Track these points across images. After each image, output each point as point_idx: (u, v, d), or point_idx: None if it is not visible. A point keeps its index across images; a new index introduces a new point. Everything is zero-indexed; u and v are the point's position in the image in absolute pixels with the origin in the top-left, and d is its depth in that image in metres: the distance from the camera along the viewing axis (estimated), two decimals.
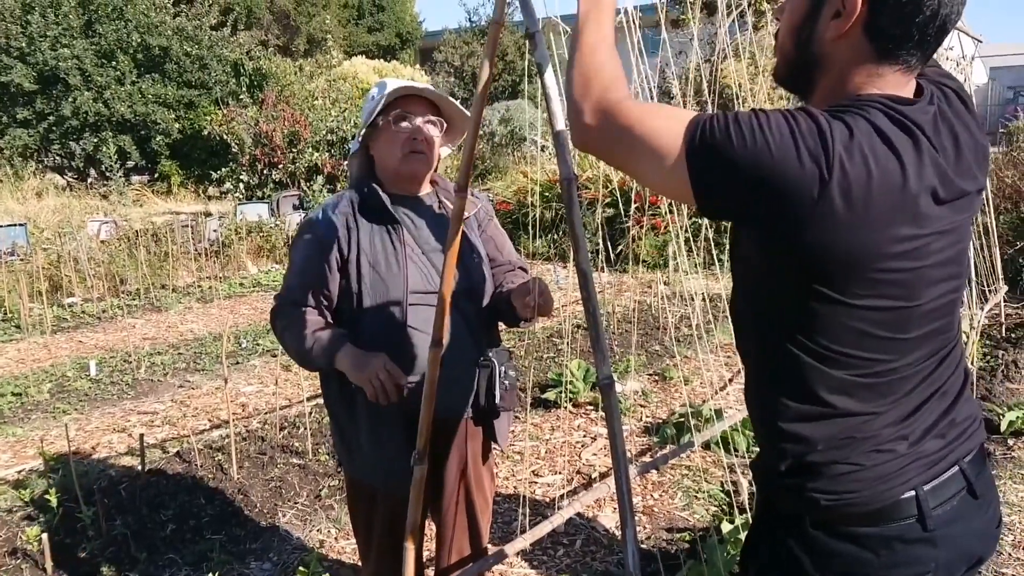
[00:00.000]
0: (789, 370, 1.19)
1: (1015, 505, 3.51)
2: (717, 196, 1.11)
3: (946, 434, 1.22)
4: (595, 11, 1.30)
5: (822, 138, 1.04)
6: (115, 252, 9.24)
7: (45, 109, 15.80)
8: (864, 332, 1.13)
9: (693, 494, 3.68)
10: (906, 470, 1.18)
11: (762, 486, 1.34)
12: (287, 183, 12.98)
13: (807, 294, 1.12)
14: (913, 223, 1.08)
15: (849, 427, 1.18)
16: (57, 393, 5.40)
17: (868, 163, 1.04)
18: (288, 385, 5.35)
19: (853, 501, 1.18)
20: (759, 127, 1.05)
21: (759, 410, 1.29)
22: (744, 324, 1.30)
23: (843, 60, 1.17)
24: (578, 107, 1.22)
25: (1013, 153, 8.99)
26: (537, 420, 4.65)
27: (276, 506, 3.62)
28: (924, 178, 1.08)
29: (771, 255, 1.15)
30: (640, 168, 1.18)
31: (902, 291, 1.12)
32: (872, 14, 1.12)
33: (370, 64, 19.29)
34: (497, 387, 2.04)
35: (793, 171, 1.03)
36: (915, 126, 1.09)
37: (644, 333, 6.41)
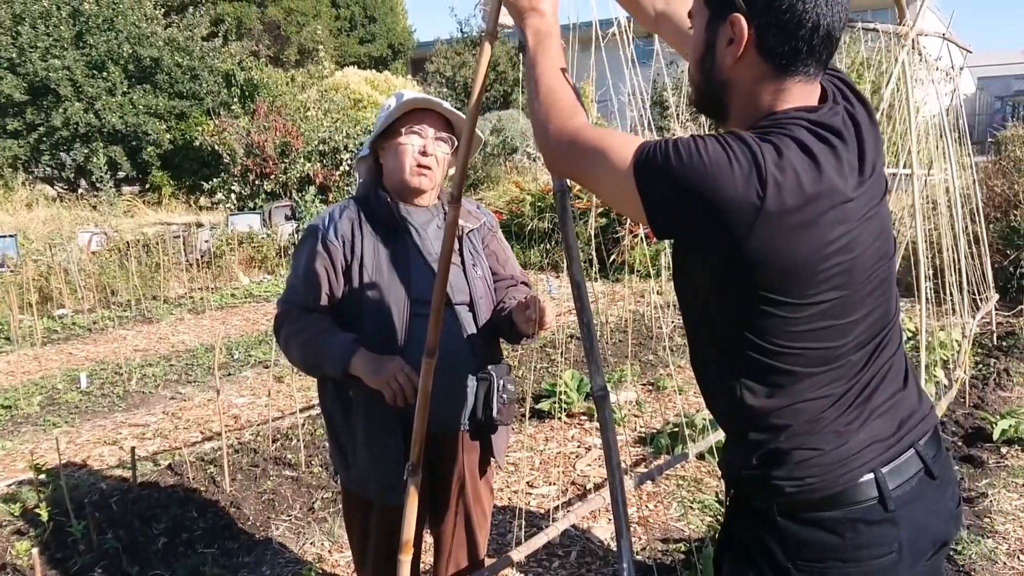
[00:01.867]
0: (749, 370, 1.26)
1: (1008, 514, 3.51)
2: (662, 213, 1.19)
3: (897, 415, 1.29)
4: (540, 45, 1.44)
5: (754, 160, 1.12)
6: (106, 263, 9.19)
7: (35, 120, 15.74)
8: (814, 327, 1.21)
9: (688, 504, 3.67)
10: (863, 453, 1.24)
11: (731, 481, 1.40)
12: (279, 193, 12.95)
13: (757, 301, 1.19)
14: (844, 220, 1.17)
15: (809, 413, 1.25)
16: (47, 406, 5.36)
17: (799, 178, 1.12)
18: (280, 396, 5.33)
19: (815, 486, 1.24)
20: (696, 150, 1.13)
21: (724, 407, 1.36)
22: (701, 336, 1.37)
23: (746, 81, 1.25)
24: (545, 136, 1.35)
25: (1002, 162, 9.05)
26: (531, 431, 4.64)
27: (269, 519, 3.60)
28: (846, 179, 1.17)
29: (717, 271, 1.22)
30: (600, 186, 1.29)
31: (843, 280, 1.20)
32: (760, 35, 1.20)
33: (362, 74, 19.29)
34: (495, 401, 2.04)
35: (730, 191, 1.11)
36: (832, 133, 1.19)
37: (638, 343, 6.41)
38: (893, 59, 4.13)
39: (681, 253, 1.33)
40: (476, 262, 2.20)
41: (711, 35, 1.26)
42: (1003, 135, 11.04)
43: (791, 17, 1.17)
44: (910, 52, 4.06)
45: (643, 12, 1.60)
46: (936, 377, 4.70)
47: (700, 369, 1.41)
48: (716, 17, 1.25)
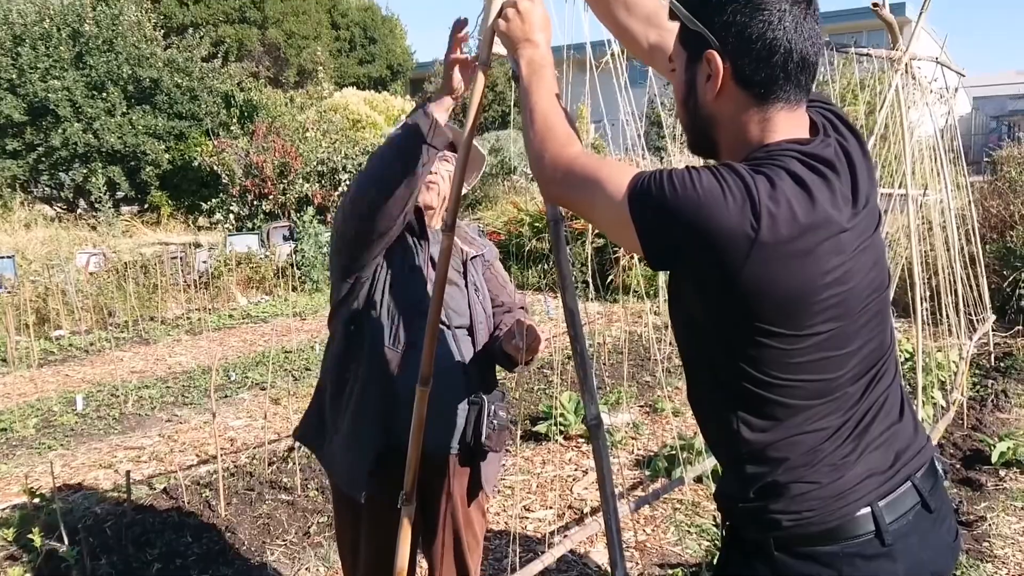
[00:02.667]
0: (745, 402, 1.25)
1: (1008, 538, 3.49)
2: (656, 243, 1.20)
3: (893, 448, 1.29)
4: (535, 75, 1.46)
5: (748, 191, 1.13)
6: (103, 284, 9.19)
7: (35, 140, 15.79)
8: (810, 359, 1.21)
9: (685, 529, 3.65)
10: (860, 487, 1.24)
11: (727, 514, 1.40)
12: (277, 214, 12.98)
13: (753, 333, 1.19)
14: (838, 252, 1.18)
15: (806, 446, 1.24)
16: (43, 428, 5.34)
17: (793, 209, 1.13)
18: (277, 419, 5.31)
19: (812, 519, 1.23)
20: (690, 181, 1.15)
21: (720, 439, 1.36)
22: (697, 369, 1.38)
23: (730, 114, 1.27)
24: (541, 164, 1.37)
25: (997, 183, 9.08)
26: (528, 453, 4.62)
27: (264, 544, 3.57)
28: (839, 210, 1.18)
29: (713, 303, 1.22)
30: (596, 215, 1.30)
31: (838, 312, 1.20)
32: (736, 67, 1.22)
33: (361, 95, 19.41)
34: (484, 426, 2.05)
35: (724, 223, 1.12)
36: (824, 164, 1.20)
37: (635, 364, 6.40)
38: (887, 84, 4.16)
39: (677, 285, 1.33)
40: (479, 287, 2.24)
41: (690, 75, 1.29)
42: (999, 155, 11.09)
43: (762, 46, 1.20)
44: (904, 76, 4.09)
45: (637, 45, 1.62)
46: (934, 399, 4.69)
47: (696, 402, 1.41)
48: (692, 58, 1.28)
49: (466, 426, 2.09)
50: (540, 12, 1.52)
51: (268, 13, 25.59)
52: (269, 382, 5.49)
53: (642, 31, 1.58)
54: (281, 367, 6.68)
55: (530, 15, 1.51)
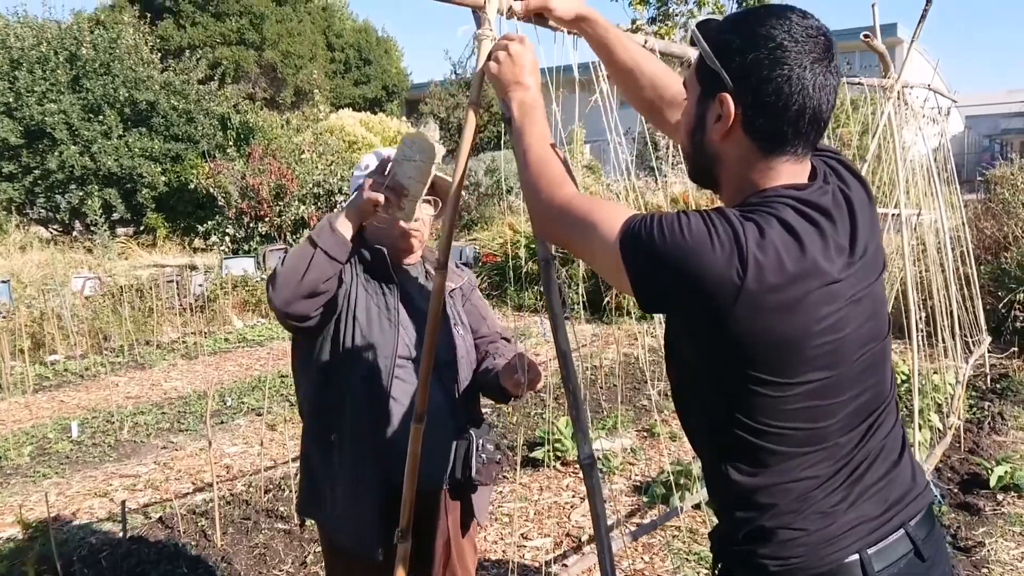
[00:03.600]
0: (736, 447, 1.26)
1: (1007, 564, 3.48)
2: (646, 288, 1.21)
3: (888, 497, 1.28)
4: (527, 117, 1.49)
5: (736, 239, 1.13)
6: (99, 308, 9.17)
7: (31, 163, 15.84)
8: (801, 406, 1.21)
9: (684, 556, 3.64)
10: (849, 534, 1.23)
11: (718, 555, 1.40)
12: (274, 236, 13.00)
13: (744, 380, 1.20)
14: (830, 301, 1.18)
15: (795, 492, 1.24)
16: (38, 456, 5.31)
17: (781, 258, 1.13)
18: (274, 445, 5.29)
19: (799, 565, 1.23)
20: (679, 228, 1.15)
21: (713, 482, 1.36)
22: (691, 412, 1.38)
23: (734, 158, 1.28)
24: (536, 204, 1.39)
25: (991, 203, 9.13)
26: (525, 480, 4.60)
27: (260, 574, 3.55)
28: (832, 259, 1.18)
29: (703, 347, 1.24)
30: (588, 256, 1.33)
31: (831, 360, 1.20)
32: (747, 116, 1.23)
33: (356, 116, 19.49)
34: (474, 461, 2.05)
35: (710, 270, 1.13)
36: (819, 212, 1.20)
37: (631, 388, 6.40)
38: (879, 111, 4.20)
39: (672, 329, 1.34)
40: (458, 321, 2.23)
41: (701, 110, 1.29)
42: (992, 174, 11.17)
43: (777, 100, 1.20)
44: (896, 103, 4.13)
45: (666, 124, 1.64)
46: (930, 421, 4.69)
47: (691, 439, 1.42)
48: (706, 94, 1.28)
49: (455, 461, 2.08)
50: (530, 56, 1.53)
51: (266, 35, 25.75)
52: (265, 408, 5.48)
53: (670, 113, 1.60)
54: (277, 392, 6.66)
55: (520, 58, 1.52)
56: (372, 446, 2.03)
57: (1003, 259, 7.89)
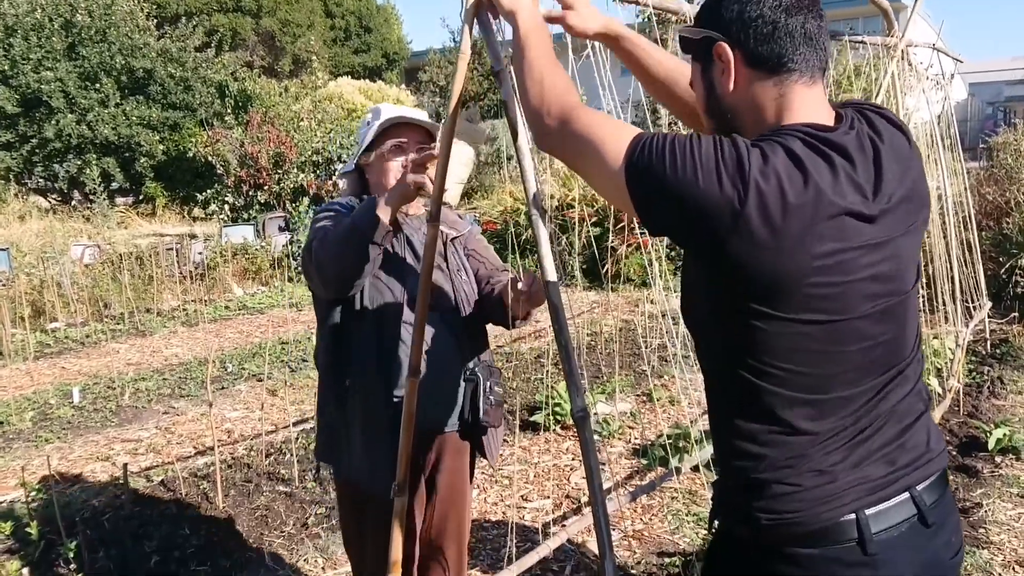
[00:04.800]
0: (737, 391, 1.25)
1: (1004, 524, 3.51)
2: (651, 211, 1.21)
3: (896, 460, 1.24)
4: (531, 32, 1.46)
5: (739, 164, 1.13)
6: (99, 276, 9.17)
7: (28, 132, 15.73)
8: (800, 346, 1.19)
9: (683, 517, 3.66)
10: (847, 493, 1.21)
11: (717, 504, 1.39)
12: (273, 204, 12.94)
13: (745, 312, 1.18)
14: (834, 239, 1.14)
15: (792, 448, 1.22)
16: (40, 421, 5.33)
17: (782, 185, 1.12)
18: (274, 410, 5.30)
19: (793, 521, 1.21)
20: (690, 151, 1.15)
21: (714, 429, 1.36)
22: (699, 347, 1.37)
23: (748, 100, 1.29)
24: (538, 112, 1.36)
25: (994, 170, 9.08)
26: (525, 443, 4.62)
27: (262, 535, 3.58)
28: (842, 195, 1.15)
29: (706, 277, 1.23)
30: (591, 172, 1.30)
31: (834, 304, 1.17)
32: (744, 51, 1.26)
33: (355, 84, 19.33)
34: (481, 402, 2.10)
35: (713, 195, 1.12)
36: (832, 149, 1.18)
37: (631, 353, 6.40)
38: (883, 71, 4.15)
39: (688, 273, 1.33)
40: (460, 267, 2.26)
41: (707, 80, 1.32)
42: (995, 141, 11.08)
43: (763, 23, 1.24)
44: (900, 63, 4.08)
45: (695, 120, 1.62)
46: (930, 386, 4.70)
47: (706, 394, 1.40)
48: (706, 62, 1.32)
49: (463, 404, 2.14)
50: None
51: (263, 2, 25.45)
52: (266, 373, 5.49)
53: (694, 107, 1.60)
54: (278, 358, 6.67)
55: None
56: (383, 391, 2.08)
57: (1005, 225, 7.86)
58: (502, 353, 6.54)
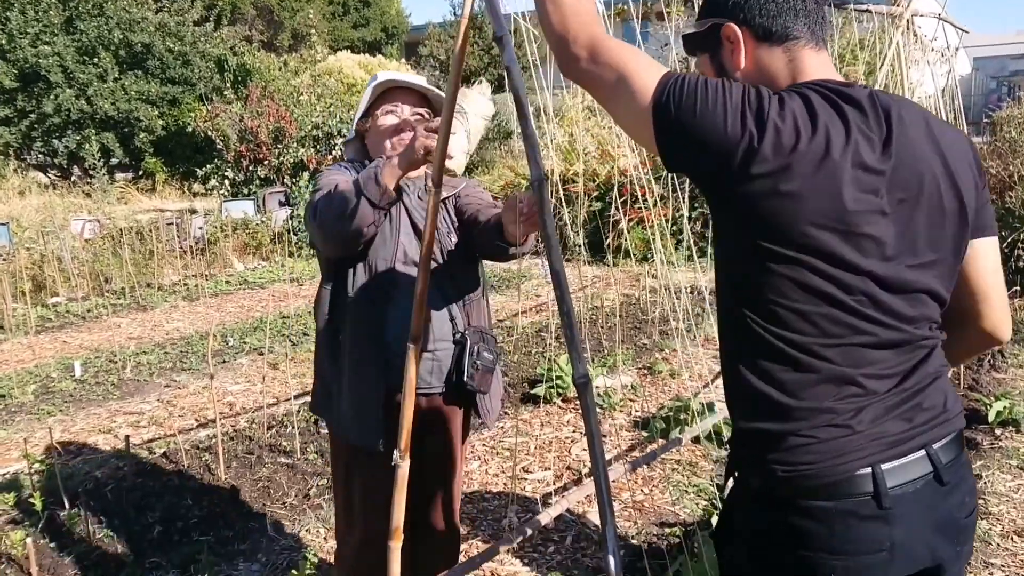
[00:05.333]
0: (750, 339, 1.26)
1: (1003, 495, 3.52)
2: (673, 146, 1.24)
3: (912, 418, 1.25)
4: None
5: (760, 106, 1.18)
6: (99, 251, 9.16)
7: (26, 107, 15.66)
8: (810, 291, 1.20)
9: (683, 488, 3.67)
10: (863, 447, 1.22)
11: (733, 458, 1.40)
12: (273, 179, 12.89)
13: (755, 253, 1.21)
14: (841, 185, 1.17)
15: (807, 399, 1.23)
16: (41, 394, 5.35)
17: (798, 127, 1.17)
18: (276, 383, 5.31)
19: (808, 473, 1.22)
20: (722, 92, 1.20)
21: (730, 385, 1.36)
22: (717, 298, 1.37)
23: (760, 71, 1.33)
24: (563, 39, 1.32)
25: (997, 143, 9.02)
26: (526, 416, 4.63)
27: (264, 506, 3.60)
28: (853, 142, 1.19)
29: (721, 217, 1.27)
30: (617, 107, 1.30)
31: (841, 250, 1.19)
32: (751, 26, 1.32)
33: (355, 59, 19.18)
34: (467, 365, 2.12)
35: (735, 134, 1.17)
36: (844, 100, 1.22)
37: (633, 327, 6.41)
38: (888, 40, 4.11)
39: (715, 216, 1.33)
40: (450, 229, 2.26)
41: (717, 63, 1.38)
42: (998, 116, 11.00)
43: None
44: (905, 33, 4.03)
45: None
46: None
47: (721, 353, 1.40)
48: (714, 48, 1.37)
49: (451, 366, 2.16)
50: None
51: None
52: (267, 347, 5.49)
53: None
54: (279, 332, 6.68)
55: None
56: (374, 347, 2.11)
57: (1007, 199, 7.82)
58: (503, 327, 6.54)
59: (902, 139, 1.23)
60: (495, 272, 8.94)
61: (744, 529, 1.35)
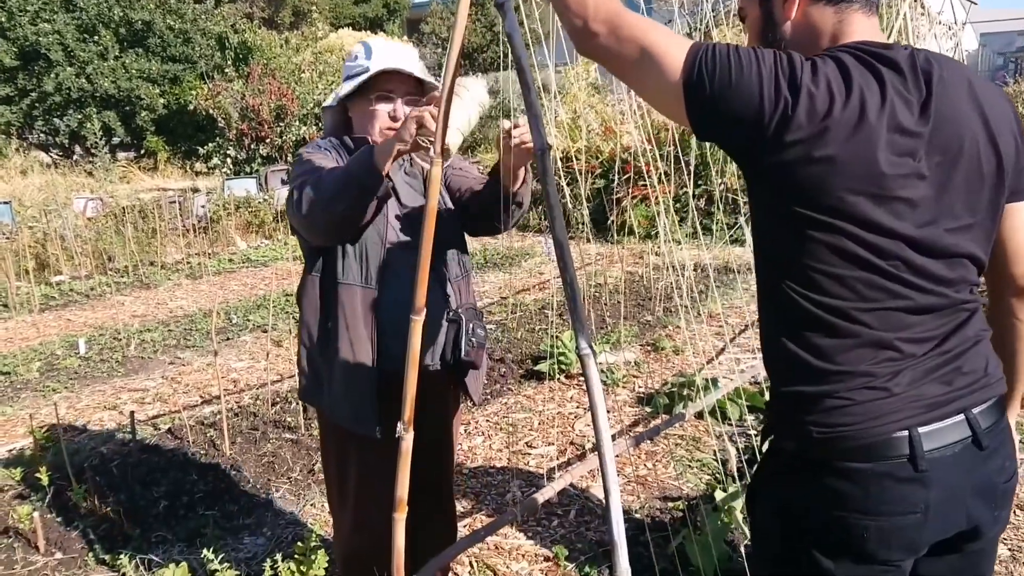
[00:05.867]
0: (788, 308, 1.26)
1: None
2: (706, 116, 1.22)
3: (952, 381, 1.24)
4: None
5: (793, 72, 1.17)
6: (102, 229, 9.15)
7: (27, 85, 15.62)
8: (845, 256, 1.19)
9: (686, 463, 3.68)
10: (900, 410, 1.21)
11: (769, 422, 1.41)
12: (275, 157, 12.88)
13: (790, 219, 1.20)
14: (876, 149, 1.15)
15: (844, 362, 1.23)
16: (46, 371, 5.37)
17: (832, 92, 1.15)
18: (279, 360, 5.33)
19: (844, 434, 1.22)
20: (756, 59, 1.18)
21: (766, 348, 1.36)
22: (758, 279, 1.37)
23: (807, 26, 1.31)
24: (580, 13, 1.27)
25: None
26: (529, 392, 4.64)
27: (269, 481, 3.61)
28: (891, 114, 1.16)
29: (756, 185, 1.26)
30: (643, 83, 1.27)
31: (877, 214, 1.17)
32: None
33: (356, 36, 19.07)
34: (463, 343, 2.09)
35: (769, 101, 1.16)
36: (882, 63, 1.20)
37: (636, 304, 6.40)
38: (895, 12, 4.06)
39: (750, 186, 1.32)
40: (444, 204, 2.22)
41: (766, 8, 1.34)
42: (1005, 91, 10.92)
43: None
44: (912, 6, 3.99)
45: None
46: None
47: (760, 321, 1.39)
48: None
49: (445, 344, 2.13)
50: None
51: None
52: (270, 324, 5.50)
53: None
54: (282, 310, 6.68)
55: None
56: (365, 331, 2.07)
57: None
58: (506, 304, 6.54)
59: (942, 100, 1.21)
60: (497, 250, 8.93)
61: (777, 491, 1.36)
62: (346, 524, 2.28)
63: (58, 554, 3.07)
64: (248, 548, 3.13)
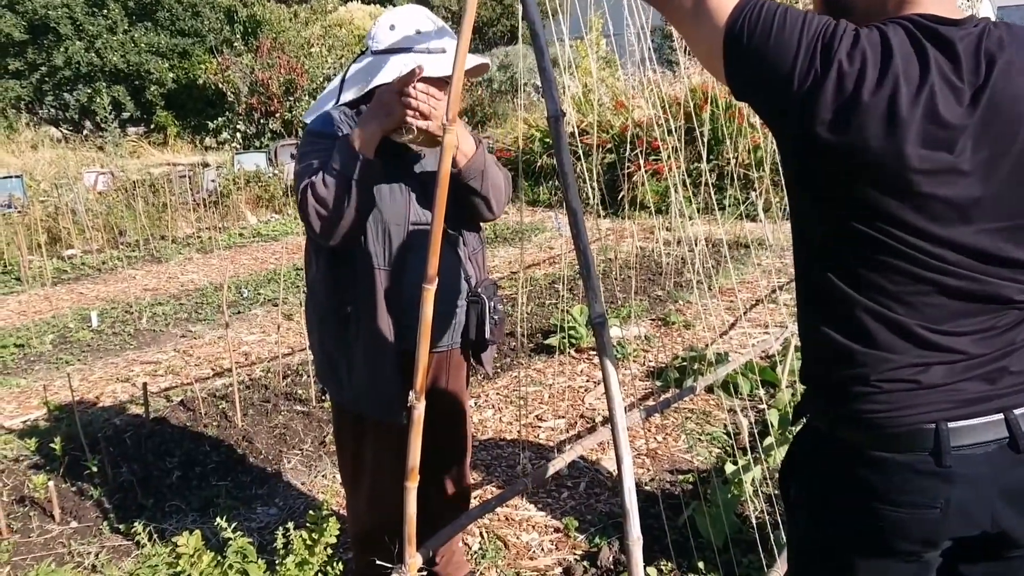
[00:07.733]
0: (822, 291, 1.23)
1: None
2: (742, 74, 1.19)
3: (996, 380, 1.19)
4: None
5: (831, 42, 1.10)
6: (113, 203, 9.18)
7: (37, 59, 15.60)
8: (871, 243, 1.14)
9: (696, 437, 3.69)
10: (931, 403, 1.17)
11: (803, 401, 1.39)
12: (284, 132, 12.85)
13: (821, 200, 1.17)
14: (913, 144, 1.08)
15: (873, 351, 1.19)
16: (59, 344, 5.40)
17: (865, 70, 1.08)
18: (290, 334, 5.34)
19: (871, 422, 1.20)
20: (801, 22, 1.13)
21: (801, 328, 1.34)
22: (796, 265, 1.33)
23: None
24: None
25: None
26: (540, 365, 4.65)
27: (281, 452, 3.64)
28: (928, 102, 1.07)
29: (791, 158, 1.20)
30: (696, 32, 1.23)
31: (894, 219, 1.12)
32: None
33: (366, 9, 18.95)
34: (487, 322, 2.10)
35: (802, 68, 1.10)
36: (935, 43, 1.10)
37: (647, 279, 6.38)
38: None
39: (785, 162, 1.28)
40: None
41: None
42: None
43: None
44: None
45: None
46: None
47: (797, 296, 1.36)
48: None
49: (468, 323, 2.13)
50: None
51: None
52: (281, 298, 5.51)
53: None
54: (293, 284, 6.70)
55: None
56: (389, 315, 2.03)
57: None
58: (516, 279, 6.53)
59: (1003, 88, 1.09)
60: (508, 225, 8.91)
61: (807, 470, 1.35)
62: (361, 502, 2.28)
63: (73, 523, 3.10)
64: (260, 518, 3.16)
